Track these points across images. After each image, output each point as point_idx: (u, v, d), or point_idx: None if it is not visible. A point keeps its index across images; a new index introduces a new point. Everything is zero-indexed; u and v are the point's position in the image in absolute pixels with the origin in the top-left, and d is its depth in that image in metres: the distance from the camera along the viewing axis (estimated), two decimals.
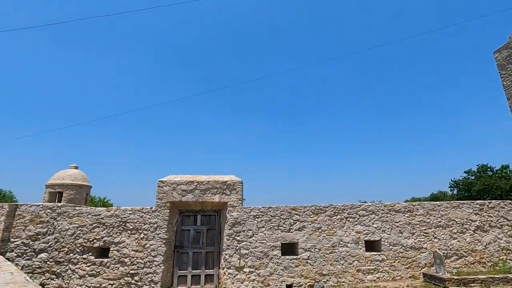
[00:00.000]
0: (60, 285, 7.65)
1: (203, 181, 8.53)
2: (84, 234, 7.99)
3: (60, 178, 12.17)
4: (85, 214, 8.18)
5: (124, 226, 8.05)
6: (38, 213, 8.20)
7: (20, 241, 8.01)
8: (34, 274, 7.75)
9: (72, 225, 8.08)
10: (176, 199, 8.33)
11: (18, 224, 8.13)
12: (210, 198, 8.40)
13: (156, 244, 7.91)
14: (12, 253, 7.94)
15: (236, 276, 7.73)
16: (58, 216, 8.18)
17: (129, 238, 7.97)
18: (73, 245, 7.92)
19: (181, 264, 8.21)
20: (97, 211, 8.19)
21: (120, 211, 8.18)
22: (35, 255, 7.90)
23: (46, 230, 8.07)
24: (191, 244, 8.39)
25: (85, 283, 7.60)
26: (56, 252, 7.89)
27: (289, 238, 8.12)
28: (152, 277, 7.64)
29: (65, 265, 7.78)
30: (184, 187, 8.43)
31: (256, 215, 8.28)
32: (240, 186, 8.57)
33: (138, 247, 7.87)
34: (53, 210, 8.22)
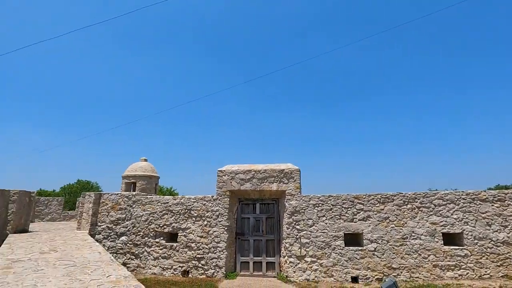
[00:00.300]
0: (139, 264, 8.57)
1: (260, 170, 8.56)
2: (155, 220, 8.76)
3: (133, 170, 13.57)
4: (155, 202, 8.94)
5: (189, 213, 8.58)
6: (117, 201, 9.25)
7: (105, 225, 9.17)
8: (118, 254, 8.82)
9: (145, 212, 8.93)
10: (235, 188, 8.54)
11: (103, 210, 9.30)
12: (267, 186, 8.40)
13: (218, 230, 8.26)
14: (100, 235, 9.14)
15: (298, 265, 7.63)
16: (133, 204, 9.11)
17: (194, 224, 8.47)
18: (147, 230, 8.76)
19: (243, 251, 8.44)
20: (165, 199, 8.87)
21: (185, 199, 8.73)
22: (117, 237, 8.97)
23: (124, 216, 9.08)
24: (252, 232, 8.55)
25: (159, 264, 8.37)
26: (134, 236, 8.83)
27: (352, 228, 7.68)
28: (216, 262, 8.02)
29: (142, 247, 8.67)
30: (242, 176, 8.57)
31: (316, 203, 8.01)
32: (297, 174, 8.37)
33: (202, 233, 8.33)
34: (129, 198, 9.18)
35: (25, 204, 8.75)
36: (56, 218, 14.75)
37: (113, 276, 4.63)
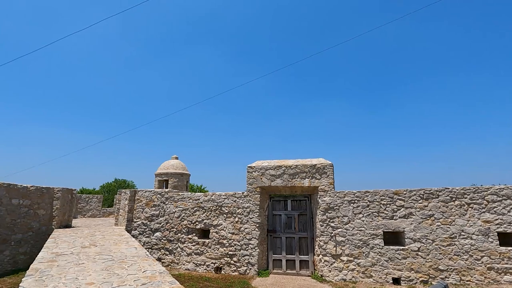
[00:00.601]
0: (173, 260, 8.72)
1: (290, 165, 8.30)
2: (187, 217, 8.86)
3: (165, 168, 13.93)
4: (187, 199, 9.04)
5: (220, 210, 8.56)
6: (151, 198, 9.49)
7: (140, 221, 9.46)
8: (153, 249, 9.05)
9: (177, 209, 9.06)
10: (265, 184, 8.37)
11: (138, 207, 9.60)
12: (299, 182, 8.12)
13: (250, 227, 8.15)
14: (136, 231, 9.45)
15: (333, 264, 7.30)
16: (166, 201, 9.30)
17: (225, 221, 8.44)
18: (180, 226, 8.89)
19: (275, 248, 8.26)
20: (197, 196, 8.94)
21: (216, 196, 8.72)
22: (152, 233, 9.22)
23: (158, 213, 9.30)
24: (283, 229, 8.34)
25: (192, 260, 8.45)
26: (167, 232, 9.02)
27: (392, 226, 7.17)
28: (248, 259, 7.92)
29: (175, 243, 8.82)
30: (272, 172, 8.38)
31: (351, 200, 7.59)
32: (330, 169, 8.00)
33: (234, 230, 8.27)
34: (162, 195, 9.38)
35: (68, 201, 9.28)
36: (96, 214, 15.62)
37: (148, 272, 4.66)
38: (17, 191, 7.78)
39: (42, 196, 8.49)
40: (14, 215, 7.69)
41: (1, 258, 7.32)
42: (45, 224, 8.56)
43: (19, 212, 7.80)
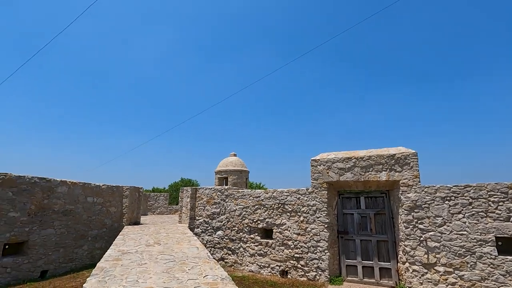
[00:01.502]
0: (236, 260, 8.35)
1: (362, 156, 7.14)
2: (248, 215, 8.39)
3: (224, 165, 13.84)
4: (247, 196, 8.57)
5: (283, 208, 7.86)
6: (212, 195, 9.30)
7: (202, 219, 9.35)
8: (215, 248, 8.83)
9: (238, 206, 8.66)
10: (333, 179, 7.37)
11: (199, 204, 9.52)
12: (374, 176, 6.92)
13: (317, 228, 7.26)
14: (198, 229, 9.37)
15: (426, 275, 5.96)
16: (226, 198, 8.99)
17: (289, 220, 7.71)
18: (241, 225, 8.47)
19: (348, 253, 7.22)
20: (257, 193, 8.40)
21: (277, 193, 8.05)
22: (214, 232, 9.01)
23: (219, 210, 9.04)
24: (357, 230, 7.24)
25: (255, 261, 7.94)
26: (229, 231, 8.69)
27: (510, 230, 5.52)
28: (318, 263, 7.05)
29: (237, 243, 8.43)
30: (340, 165, 7.33)
31: (446, 196, 6.12)
32: (414, 159, 6.61)
33: (299, 230, 7.48)
34: (222, 192, 9.10)
35: (136, 199, 9.68)
36: (163, 211, 16.46)
37: (210, 277, 4.20)
38: (91, 190, 8.30)
39: (113, 194, 8.95)
40: (90, 212, 8.20)
41: (81, 253, 7.85)
42: (117, 221, 9.01)
43: (93, 209, 8.31)
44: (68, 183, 7.71)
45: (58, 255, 7.31)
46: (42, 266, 6.95)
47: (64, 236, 7.48)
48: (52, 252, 7.18)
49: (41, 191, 7.09)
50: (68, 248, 7.56)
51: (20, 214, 6.64)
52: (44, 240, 7.03)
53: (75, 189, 7.86)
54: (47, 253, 7.07)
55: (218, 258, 8.71)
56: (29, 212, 6.81)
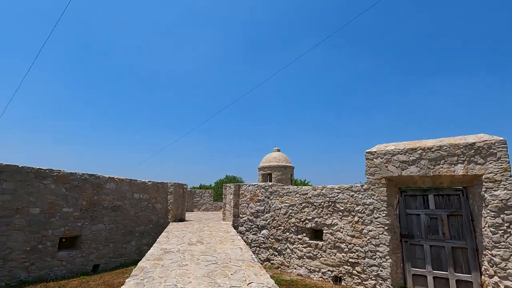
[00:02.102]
0: (283, 262, 7.78)
1: (430, 146, 6.02)
2: (295, 214, 7.75)
3: (267, 161, 13.33)
4: (293, 193, 7.94)
5: (334, 207, 7.06)
6: (255, 192, 8.85)
7: (246, 217, 8.96)
8: (260, 248, 8.36)
9: (283, 204, 8.08)
10: (393, 173, 6.36)
11: (242, 202, 9.14)
12: (446, 170, 5.77)
13: (375, 230, 6.34)
14: (242, 227, 9.01)
15: None
16: (270, 195, 8.46)
17: (341, 220, 6.89)
18: (287, 224, 7.87)
19: (414, 260, 6.18)
20: (304, 190, 7.71)
21: (327, 190, 7.27)
22: (258, 231, 8.55)
23: (263, 208, 8.56)
24: (425, 234, 6.15)
25: (304, 264, 7.29)
26: (274, 230, 8.15)
27: None
28: (377, 271, 6.14)
29: (284, 243, 7.85)
30: (402, 158, 6.29)
31: None
32: (502, 148, 5.33)
33: (354, 232, 6.63)
34: (266, 189, 8.59)
35: (180, 195, 9.67)
36: (209, 208, 16.58)
37: (254, 284, 3.69)
38: (137, 186, 8.42)
39: (158, 190, 9.01)
40: (137, 208, 8.32)
41: (129, 248, 7.99)
42: (162, 217, 9.06)
43: (140, 205, 8.42)
44: (115, 179, 7.88)
45: (108, 250, 7.50)
46: (94, 260, 7.17)
47: (113, 232, 7.65)
48: (103, 247, 7.38)
49: (91, 188, 7.31)
50: (117, 243, 7.73)
51: (73, 210, 6.89)
52: (95, 235, 7.24)
53: (122, 185, 8.02)
54: (98, 247, 7.28)
55: (264, 259, 8.24)
56: (81, 207, 7.05)
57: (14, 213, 6.03)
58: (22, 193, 6.17)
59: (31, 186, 6.30)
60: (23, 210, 6.15)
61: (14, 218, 6.00)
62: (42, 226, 6.38)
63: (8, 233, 5.90)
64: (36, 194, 6.36)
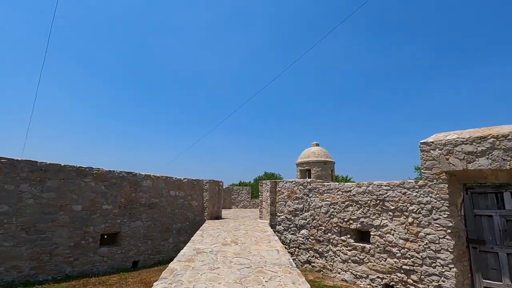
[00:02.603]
0: (325, 265, 7.18)
1: (506, 134, 4.95)
2: (337, 213, 7.08)
3: (306, 156, 12.66)
4: (334, 190, 7.26)
5: (383, 206, 6.26)
6: (293, 189, 8.32)
7: (283, 215, 8.48)
8: (300, 249, 7.83)
9: (324, 202, 7.44)
10: (456, 167, 5.39)
11: (280, 199, 8.67)
12: None
13: (435, 233, 5.44)
14: (280, 226, 8.55)
15: None
16: (309, 192, 7.87)
17: (391, 221, 6.08)
18: (329, 224, 7.23)
19: (486, 270, 5.17)
20: (347, 187, 7.00)
21: (374, 186, 6.48)
22: (297, 230, 8.03)
23: (302, 206, 8.00)
24: (500, 240, 5.11)
25: (349, 269, 6.61)
26: (315, 230, 7.57)
27: None
28: (439, 281, 5.26)
29: (326, 245, 7.24)
30: (468, 148, 5.29)
31: None
32: None
33: (407, 234, 5.79)
34: (304, 186, 8.02)
35: (216, 192, 9.51)
36: (246, 205, 16.40)
37: None
38: (173, 183, 8.40)
39: (194, 188, 8.93)
40: (173, 206, 8.31)
41: (167, 246, 8.00)
42: (199, 215, 8.97)
43: (176, 203, 8.40)
44: (152, 177, 7.93)
45: (147, 247, 7.56)
46: (133, 257, 7.27)
47: (151, 229, 7.71)
48: (141, 243, 7.46)
49: (129, 185, 7.41)
50: (155, 240, 7.77)
51: (112, 207, 7.04)
52: (133, 232, 7.34)
53: (158, 182, 8.04)
54: (137, 244, 7.37)
55: (304, 261, 7.70)
56: (119, 204, 7.18)
57: (59, 210, 6.28)
58: (65, 190, 6.41)
59: (73, 184, 6.53)
60: (66, 207, 6.38)
61: (58, 214, 6.25)
62: (84, 222, 6.58)
63: (53, 229, 6.16)
64: (78, 191, 6.58)
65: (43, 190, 6.11)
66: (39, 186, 6.07)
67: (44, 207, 6.10)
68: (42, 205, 6.08)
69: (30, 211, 5.92)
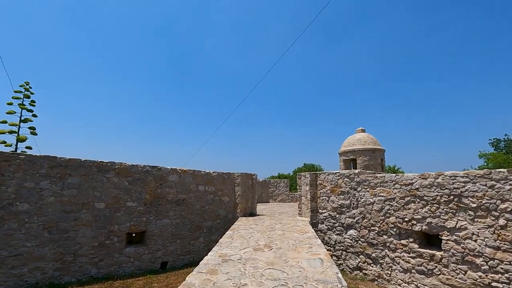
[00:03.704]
0: (380, 274, 5.97)
1: None
2: (395, 211, 5.80)
3: (350, 144, 11.25)
4: (390, 183, 5.97)
5: (459, 203, 4.87)
6: (337, 182, 7.16)
7: (327, 212, 7.38)
8: (348, 253, 6.70)
9: (376, 198, 6.19)
10: None
11: (322, 194, 7.56)
12: None
13: None
14: (323, 225, 7.46)
15: None
16: (358, 186, 6.65)
17: (473, 223, 4.67)
18: (384, 225, 5.98)
19: None
20: (407, 179, 5.66)
21: (446, 178, 5.08)
22: (344, 230, 6.88)
23: (349, 202, 6.82)
24: None
25: (414, 280, 5.34)
26: (365, 231, 6.36)
27: None
28: None
29: (380, 249, 6.01)
30: None
31: None
32: None
33: (499, 242, 4.37)
34: (351, 178, 6.81)
35: (249, 186, 8.69)
36: (285, 199, 15.44)
37: None
38: (201, 178, 7.75)
39: (224, 182, 8.20)
40: (203, 202, 7.67)
41: (197, 245, 7.40)
42: (231, 212, 8.24)
43: (206, 198, 7.75)
44: (178, 171, 7.33)
45: (176, 247, 7.03)
46: (161, 257, 6.78)
47: (180, 227, 7.15)
48: (170, 243, 6.93)
49: (154, 180, 6.89)
50: (185, 239, 7.21)
51: (137, 204, 6.57)
52: (161, 230, 6.83)
53: (185, 177, 7.43)
54: (165, 244, 6.86)
55: (353, 267, 6.56)
56: (145, 201, 6.69)
57: (81, 208, 5.93)
58: (87, 187, 6.04)
59: (94, 180, 6.13)
60: (89, 204, 6.02)
61: (81, 213, 5.91)
62: (108, 221, 6.18)
63: (76, 228, 5.83)
64: (100, 188, 6.18)
65: (63, 187, 5.78)
66: (59, 183, 5.75)
67: (66, 205, 5.77)
68: (64, 203, 5.76)
69: (51, 210, 5.62)
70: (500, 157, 26.20)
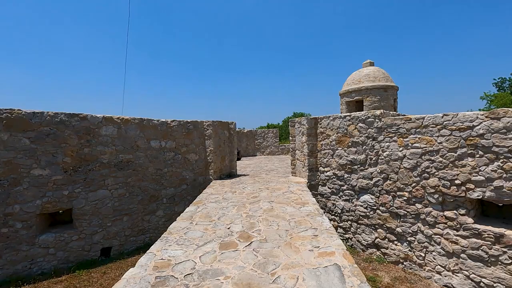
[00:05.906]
0: (407, 255, 4.34)
1: None
2: (439, 170, 3.93)
3: (355, 81, 9.06)
4: (432, 128, 4.00)
5: None
6: (346, 130, 5.17)
7: (330, 171, 5.53)
8: (360, 225, 5.02)
9: (408, 151, 4.28)
10: None
11: (324, 146, 5.63)
12: None
13: None
14: (325, 188, 5.67)
15: None
16: (378, 134, 4.69)
17: None
18: (418, 188, 4.17)
19: None
20: (464, 120, 3.68)
21: None
22: (355, 195, 5.11)
23: (364, 158, 4.93)
24: None
25: (462, 268, 3.71)
26: (388, 196, 4.59)
27: None
28: None
29: (410, 223, 4.30)
30: None
31: None
32: None
33: None
34: (368, 123, 4.81)
35: (225, 139, 6.64)
36: (274, 151, 13.69)
37: None
38: (154, 129, 5.61)
39: (189, 134, 6.11)
40: (159, 163, 5.66)
41: (155, 221, 5.59)
42: (201, 173, 6.31)
43: (163, 158, 5.72)
44: (115, 120, 5.13)
45: (122, 226, 5.18)
46: (101, 243, 4.95)
47: (126, 199, 5.22)
48: (112, 222, 5.06)
49: (76, 135, 4.72)
50: (135, 215, 5.35)
51: (50, 171, 4.48)
52: (96, 206, 4.88)
53: (128, 129, 5.27)
54: (105, 223, 4.98)
55: (368, 243, 4.93)
56: (64, 167, 4.60)
57: None
58: None
59: None
60: None
61: None
62: (3, 200, 4.13)
63: None
64: None
65: None
66: None
67: None
68: None
69: None
70: (506, 98, 24.75)
